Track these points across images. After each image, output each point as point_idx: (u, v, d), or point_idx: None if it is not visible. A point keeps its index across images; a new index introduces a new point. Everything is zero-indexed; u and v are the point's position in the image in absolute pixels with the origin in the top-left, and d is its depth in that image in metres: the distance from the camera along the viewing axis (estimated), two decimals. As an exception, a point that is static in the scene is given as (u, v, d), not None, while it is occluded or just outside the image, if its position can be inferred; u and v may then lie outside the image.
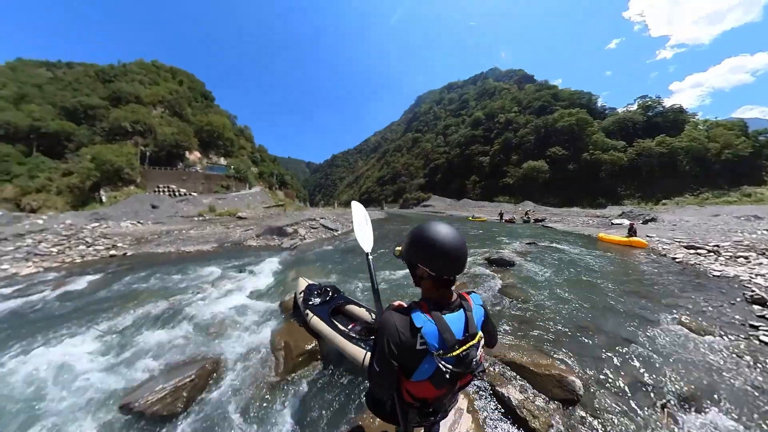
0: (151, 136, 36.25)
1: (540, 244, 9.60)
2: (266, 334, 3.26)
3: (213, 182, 36.45)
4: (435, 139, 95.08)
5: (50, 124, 31.25)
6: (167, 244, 10.71)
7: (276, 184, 53.49)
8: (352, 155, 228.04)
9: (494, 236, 12.68)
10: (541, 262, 6.77)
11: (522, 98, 73.63)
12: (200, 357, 2.87)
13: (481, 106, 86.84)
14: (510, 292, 4.61)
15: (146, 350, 3.13)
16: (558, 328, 3.43)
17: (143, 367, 2.80)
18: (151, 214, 20.58)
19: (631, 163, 43.35)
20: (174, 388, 2.24)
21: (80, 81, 39.76)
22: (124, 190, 27.89)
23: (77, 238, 10.05)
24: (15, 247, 8.01)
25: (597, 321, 3.64)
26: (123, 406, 2.15)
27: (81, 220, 15.35)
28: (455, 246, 0.85)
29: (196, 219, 20.07)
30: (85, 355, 3.09)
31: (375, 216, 30.97)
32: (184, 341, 3.29)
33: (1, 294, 5.48)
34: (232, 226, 16.44)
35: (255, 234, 12.23)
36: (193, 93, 49.98)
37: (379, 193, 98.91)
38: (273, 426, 2.02)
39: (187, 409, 2.18)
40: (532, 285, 5.05)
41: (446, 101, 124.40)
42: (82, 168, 26.77)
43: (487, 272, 5.82)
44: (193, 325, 3.70)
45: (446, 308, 0.88)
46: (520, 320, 3.60)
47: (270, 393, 2.34)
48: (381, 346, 0.82)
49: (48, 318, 4.38)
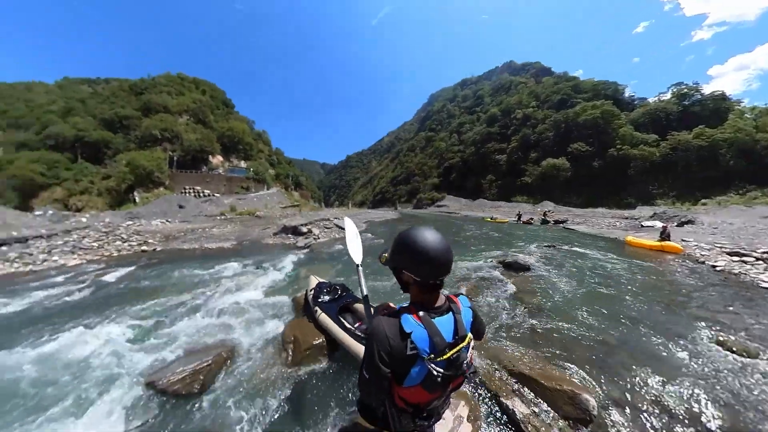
0: (178, 142, 38.82)
1: (560, 247, 8.96)
2: (278, 327, 3.41)
3: (234, 184, 38.58)
4: (449, 137, 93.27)
5: (92, 134, 34.58)
6: (192, 241, 11.46)
7: (292, 185, 55.14)
8: (366, 156, 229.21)
9: (510, 238, 12.05)
10: (560, 267, 6.29)
11: (540, 92, 70.30)
12: (217, 344, 3.07)
13: (496, 102, 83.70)
14: (523, 298, 4.34)
15: (170, 336, 3.41)
16: (574, 339, 3.14)
17: (167, 351, 3.07)
18: (178, 213, 22.02)
19: (665, 159, 39.41)
20: (193, 371, 2.45)
21: (116, 95, 43.65)
22: (155, 192, 30.36)
23: (114, 234, 11.02)
24: (63, 242, 8.94)
25: (620, 334, 3.27)
26: (149, 383, 2.41)
27: (118, 218, 16.88)
28: (439, 251, 0.84)
29: (218, 218, 21.18)
30: (118, 336, 3.45)
31: (388, 216, 30.97)
32: (203, 329, 3.54)
33: (53, 282, 6.19)
34: (250, 224, 17.23)
35: (272, 233, 12.73)
36: (215, 101, 52.78)
37: (392, 194, 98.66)
38: (278, 413, 2.14)
39: (203, 391, 2.37)
40: (548, 291, 4.70)
41: (460, 98, 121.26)
42: (119, 172, 29.70)
43: (500, 276, 5.54)
44: (212, 316, 3.96)
45: (435, 312, 0.88)
46: (532, 329, 3.38)
47: (278, 382, 2.47)
48: (371, 354, 0.81)
49: (89, 304, 4.89)
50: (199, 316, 3.94)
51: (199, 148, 39.74)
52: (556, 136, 54.50)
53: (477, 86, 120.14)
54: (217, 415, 2.12)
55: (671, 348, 3.01)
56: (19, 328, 4.02)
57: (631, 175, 40.94)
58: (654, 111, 46.73)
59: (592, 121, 47.73)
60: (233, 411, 2.16)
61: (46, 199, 27.17)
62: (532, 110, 64.93)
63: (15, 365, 3.06)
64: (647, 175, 39.85)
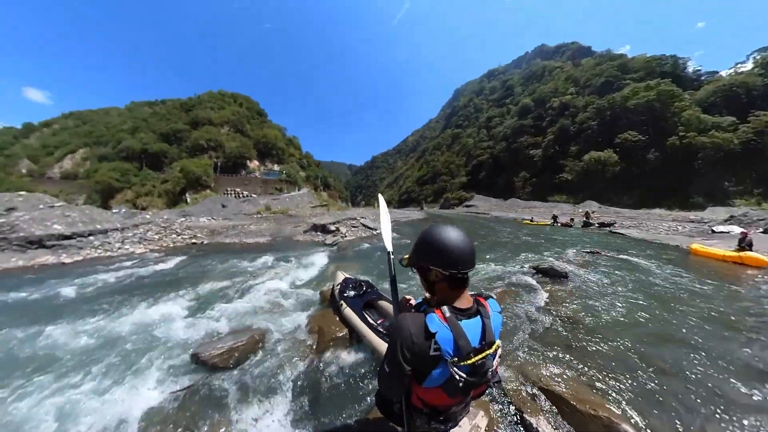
0: (221, 150, 43.08)
1: (604, 254, 7.86)
2: (305, 317, 3.60)
3: (269, 185, 41.73)
4: (477, 133, 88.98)
5: (153, 146, 40.45)
6: (233, 236, 12.60)
7: (321, 186, 57.52)
8: (391, 156, 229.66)
9: (545, 242, 10.88)
10: (604, 277, 5.53)
11: (579, 76, 63.08)
12: (251, 328, 3.35)
13: (528, 92, 77.37)
14: (557, 310, 3.90)
15: (213, 316, 3.84)
16: (616, 361, 2.71)
17: (209, 329, 3.45)
18: (222, 212, 24.38)
19: (746, 146, 30.81)
20: (229, 348, 2.74)
21: (170, 113, 49.93)
22: (203, 193, 34.42)
23: (171, 229, 12.56)
24: (133, 234, 10.48)
25: (674, 362, 2.74)
26: (193, 355, 2.75)
27: (173, 216, 19.32)
28: (461, 241, 0.85)
29: (255, 216, 22.95)
30: (172, 313, 3.97)
31: (414, 216, 30.45)
32: (240, 314, 3.91)
33: (125, 265, 7.30)
34: (283, 222, 18.41)
35: (302, 230, 13.42)
36: (251, 112, 57.32)
37: (418, 193, 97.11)
38: (299, 395, 2.27)
39: (237, 366, 2.64)
40: (588, 304, 4.15)
41: (487, 91, 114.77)
42: (174, 177, 34.61)
43: (532, 282, 5.07)
44: (248, 302, 4.35)
45: (462, 314, 0.85)
46: (566, 344, 3.03)
47: (301, 367, 2.64)
48: (393, 349, 0.81)
49: (151, 284, 5.69)
50: (237, 302, 4.36)
51: (239, 155, 43.80)
52: (600, 126, 47.88)
53: (505, 76, 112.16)
54: (246, 389, 2.33)
55: (748, 386, 2.39)
56: (98, 300, 4.83)
57: (699, 168, 33.23)
58: (729, 87, 37.94)
59: (646, 104, 40.81)
60: (259, 388, 2.35)
61: (120, 200, 32.88)
62: (570, 98, 58.30)
63: (93, 328, 3.71)
64: (721, 168, 31.83)
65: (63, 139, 47.88)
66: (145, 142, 40.39)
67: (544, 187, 50.46)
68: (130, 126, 45.56)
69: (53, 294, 5.14)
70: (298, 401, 2.17)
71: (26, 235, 8.13)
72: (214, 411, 2.11)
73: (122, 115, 52.76)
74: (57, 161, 43.99)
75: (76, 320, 3.87)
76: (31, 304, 4.75)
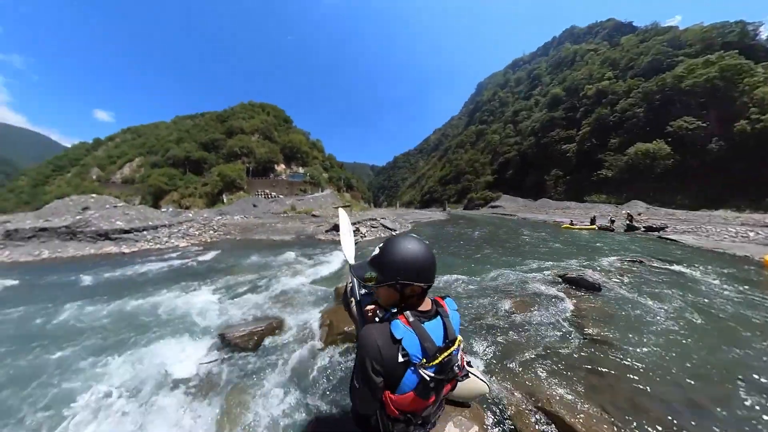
0: (252, 156, 46.50)
1: (650, 264, 6.54)
2: (318, 312, 3.80)
3: (294, 187, 44.16)
4: (503, 129, 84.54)
5: (195, 154, 45.19)
6: (261, 233, 13.55)
7: (343, 187, 59.08)
8: (413, 156, 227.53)
9: (579, 247, 9.51)
10: (646, 293, 4.61)
11: (618, 58, 55.76)
12: (270, 316, 3.70)
13: (558, 81, 71.23)
14: (584, 325, 3.36)
15: (239, 303, 4.27)
16: (649, 399, 2.19)
17: (235, 314, 3.87)
18: (252, 211, 26.28)
19: None
20: (250, 332, 3.06)
21: (209, 124, 55.09)
22: (236, 195, 37.77)
23: (209, 226, 13.87)
24: (178, 230, 11.80)
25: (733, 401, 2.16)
26: (220, 335, 3.10)
27: (212, 214, 21.41)
28: (423, 255, 0.87)
29: (282, 215, 24.33)
30: (206, 298, 4.51)
31: (436, 217, 29.73)
32: (263, 302, 4.24)
33: (170, 256, 8.28)
34: (307, 222, 19.28)
35: (324, 230, 13.92)
36: (277, 119, 60.88)
37: (441, 193, 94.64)
38: (304, 379, 2.44)
39: (255, 348, 2.95)
40: (622, 323, 3.52)
41: (512, 83, 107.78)
42: (212, 180, 38.75)
43: (557, 293, 4.41)
44: (271, 293, 4.73)
45: (424, 316, 0.87)
46: (590, 367, 2.56)
47: (309, 355, 2.84)
48: (362, 363, 0.80)
49: (191, 273, 6.43)
50: (260, 292, 4.78)
51: (267, 159, 47.05)
52: (647, 113, 41.45)
53: (531, 65, 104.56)
54: (261, 369, 2.62)
55: None
56: (150, 283, 5.60)
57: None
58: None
59: (705, 84, 34.17)
60: (272, 369, 2.62)
61: (168, 200, 37.79)
62: (608, 83, 51.51)
63: (146, 305, 4.37)
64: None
65: (123, 151, 55.72)
66: (188, 150, 45.43)
67: (580, 186, 45.51)
68: (176, 137, 51.39)
69: (115, 277, 6.08)
70: (300, 385, 2.37)
71: (96, 229, 9.58)
72: (233, 383, 2.42)
73: (169, 128, 59.86)
74: (118, 169, 51.45)
75: (132, 298, 4.57)
76: (100, 284, 5.67)
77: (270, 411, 2.07)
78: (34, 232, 9.25)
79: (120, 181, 48.12)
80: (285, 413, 2.04)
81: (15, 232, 9.19)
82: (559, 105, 62.14)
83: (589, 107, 52.85)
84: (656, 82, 41.36)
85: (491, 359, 2.62)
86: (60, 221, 9.84)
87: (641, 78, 46.45)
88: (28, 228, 9.34)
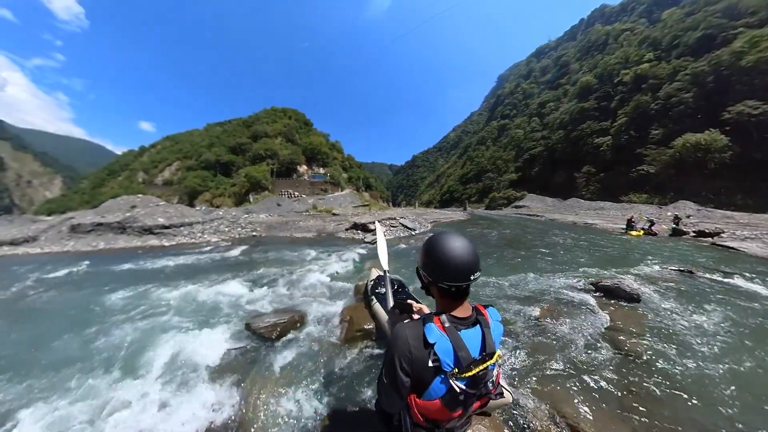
0: (276, 158, 48.94)
1: (700, 275, 5.69)
2: (338, 307, 3.91)
3: (315, 187, 45.86)
4: (527, 123, 79.93)
5: (224, 157, 48.57)
6: (285, 231, 14.13)
7: (362, 187, 59.88)
8: (432, 154, 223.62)
9: (612, 252, 8.73)
10: (694, 307, 4.07)
11: (659, 36, 48.92)
12: (292, 309, 3.83)
13: (588, 67, 65.07)
14: (618, 340, 3.04)
15: (264, 296, 4.49)
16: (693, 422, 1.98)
17: (260, 305, 4.09)
18: (277, 210, 27.61)
19: None
20: (273, 323, 3.22)
21: (236, 129, 58.90)
22: (262, 194, 40.21)
23: (237, 223, 14.77)
24: (209, 227, 12.74)
25: None
26: (246, 324, 3.29)
27: (239, 212, 22.80)
28: (462, 253, 0.81)
29: (304, 214, 25.19)
30: (234, 290, 4.78)
31: (456, 217, 28.74)
32: (285, 296, 4.44)
33: (203, 250, 8.93)
34: (327, 220, 19.76)
35: (344, 228, 14.16)
36: (298, 122, 63.50)
37: (461, 193, 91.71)
38: (322, 373, 2.50)
39: (278, 339, 3.07)
40: (664, 339, 3.14)
41: (537, 72, 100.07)
42: (240, 181, 41.53)
43: (590, 302, 4.07)
44: (293, 288, 4.91)
45: (461, 323, 0.83)
46: (624, 385, 2.31)
47: (328, 350, 2.85)
48: (391, 360, 0.78)
49: (221, 266, 6.88)
50: (283, 286, 5.00)
51: (290, 161, 49.34)
52: (698, 98, 35.64)
53: (558, 52, 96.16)
54: (282, 359, 2.73)
55: None
56: (185, 273, 6.11)
57: None
58: None
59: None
60: (293, 360, 2.72)
61: (201, 200, 41.28)
62: (647, 66, 45.44)
63: (181, 292, 4.77)
64: None
65: (163, 156, 61.49)
66: (218, 154, 49.11)
67: (616, 184, 40.74)
68: (207, 143, 55.90)
69: (157, 267, 6.70)
70: (319, 378, 2.43)
71: (142, 225, 10.64)
72: (256, 370, 2.54)
73: (201, 135, 65.40)
74: (160, 172, 56.96)
75: (170, 286, 5.01)
76: (144, 272, 6.28)
77: (288, 400, 2.15)
78: (92, 227, 10.52)
79: (161, 183, 53.14)
80: (302, 404, 2.11)
81: (78, 226, 10.53)
82: (590, 94, 56.61)
83: (626, 95, 47.56)
84: (708, 62, 35.49)
85: (516, 368, 2.49)
86: (113, 217, 11.06)
87: (689, 58, 40.46)
88: (88, 223, 10.64)
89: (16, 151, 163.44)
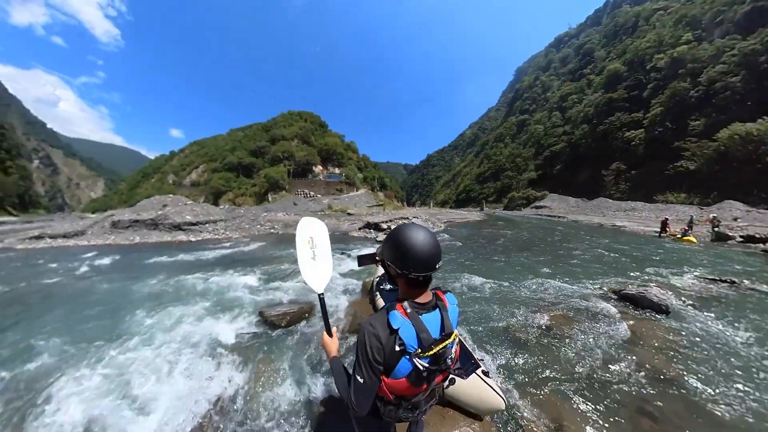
0: (293, 159, 50.72)
1: (747, 287, 4.93)
2: (345, 301, 4.13)
3: (331, 187, 46.92)
4: (548, 117, 75.53)
5: (245, 159, 51.46)
6: (301, 227, 14.64)
7: (377, 187, 60.24)
8: (447, 153, 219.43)
9: (646, 258, 7.69)
10: (734, 322, 3.54)
11: (698, 14, 43.19)
12: (302, 301, 4.07)
13: (616, 54, 59.30)
14: (639, 354, 2.72)
15: (278, 288, 4.79)
16: None
17: (273, 296, 4.40)
18: (293, 209, 28.66)
19: None
20: (284, 313, 3.44)
21: (256, 134, 62.09)
22: (280, 194, 42.21)
23: (257, 221, 15.54)
24: (232, 224, 13.54)
25: None
26: (260, 313, 3.55)
27: (259, 211, 23.98)
28: (426, 247, 0.86)
29: (319, 213, 25.92)
30: (251, 281, 5.15)
31: (471, 217, 27.97)
32: (297, 289, 4.70)
33: (225, 245, 9.54)
34: (342, 219, 20.23)
35: (357, 227, 14.47)
36: (314, 125, 65.29)
37: (478, 192, 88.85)
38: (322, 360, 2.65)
39: (287, 328, 3.29)
40: (694, 356, 2.76)
41: (557, 63, 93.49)
42: (260, 182, 44.14)
43: (611, 310, 3.74)
44: (304, 283, 5.09)
45: (422, 308, 0.89)
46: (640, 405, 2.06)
47: None
48: (364, 356, 0.82)
49: (241, 259, 7.34)
50: (295, 280, 5.28)
51: (306, 162, 50.89)
52: (749, 82, 30.86)
53: (580, 40, 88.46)
54: (290, 346, 2.93)
55: None
56: (209, 265, 6.61)
57: None
58: None
59: None
60: (299, 347, 2.91)
61: (225, 199, 44.27)
62: (686, 48, 40.43)
63: (204, 282, 5.23)
64: None
65: (191, 160, 65.97)
66: (240, 157, 52.00)
67: (649, 182, 36.57)
68: (230, 146, 59.30)
69: (185, 259, 7.31)
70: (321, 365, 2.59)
71: (172, 222, 11.54)
72: (265, 353, 2.76)
73: (224, 139, 69.45)
74: (188, 174, 61.21)
75: (196, 276, 5.48)
76: (173, 263, 6.88)
77: (290, 380, 2.35)
78: (130, 223, 11.59)
79: (189, 184, 56.96)
80: (302, 385, 2.30)
81: (118, 222, 11.68)
82: (619, 83, 51.33)
83: (661, 82, 42.80)
84: (761, 39, 30.76)
85: (515, 376, 2.38)
86: (147, 215, 12.10)
87: (736, 36, 35.38)
88: (126, 219, 11.75)
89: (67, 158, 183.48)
